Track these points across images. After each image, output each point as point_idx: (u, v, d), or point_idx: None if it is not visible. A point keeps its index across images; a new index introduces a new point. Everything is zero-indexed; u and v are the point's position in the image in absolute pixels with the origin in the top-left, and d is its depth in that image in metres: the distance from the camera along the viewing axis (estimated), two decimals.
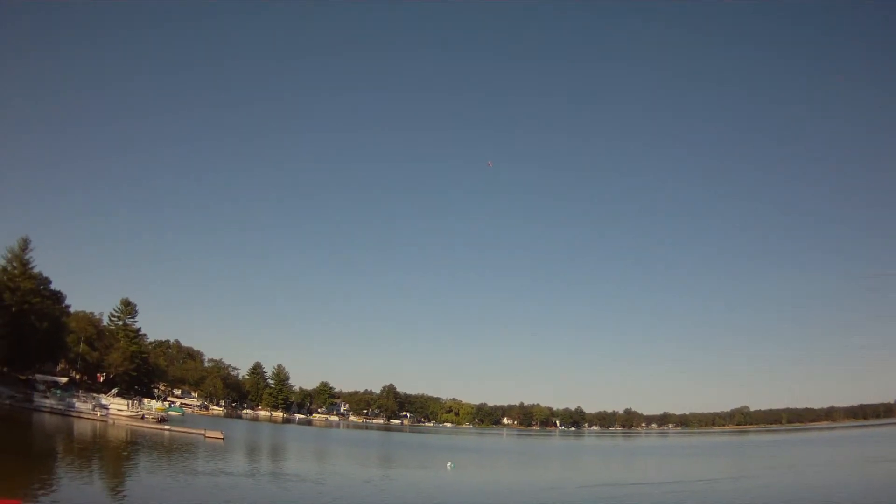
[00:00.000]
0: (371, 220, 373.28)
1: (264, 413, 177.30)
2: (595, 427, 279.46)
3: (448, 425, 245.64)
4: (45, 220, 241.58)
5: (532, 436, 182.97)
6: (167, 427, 63.95)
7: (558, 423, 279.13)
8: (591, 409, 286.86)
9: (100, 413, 65.22)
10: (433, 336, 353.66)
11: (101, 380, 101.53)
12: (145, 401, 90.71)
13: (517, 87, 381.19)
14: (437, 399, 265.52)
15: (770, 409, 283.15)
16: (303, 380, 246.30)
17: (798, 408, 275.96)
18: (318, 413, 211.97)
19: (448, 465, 47.94)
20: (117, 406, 71.26)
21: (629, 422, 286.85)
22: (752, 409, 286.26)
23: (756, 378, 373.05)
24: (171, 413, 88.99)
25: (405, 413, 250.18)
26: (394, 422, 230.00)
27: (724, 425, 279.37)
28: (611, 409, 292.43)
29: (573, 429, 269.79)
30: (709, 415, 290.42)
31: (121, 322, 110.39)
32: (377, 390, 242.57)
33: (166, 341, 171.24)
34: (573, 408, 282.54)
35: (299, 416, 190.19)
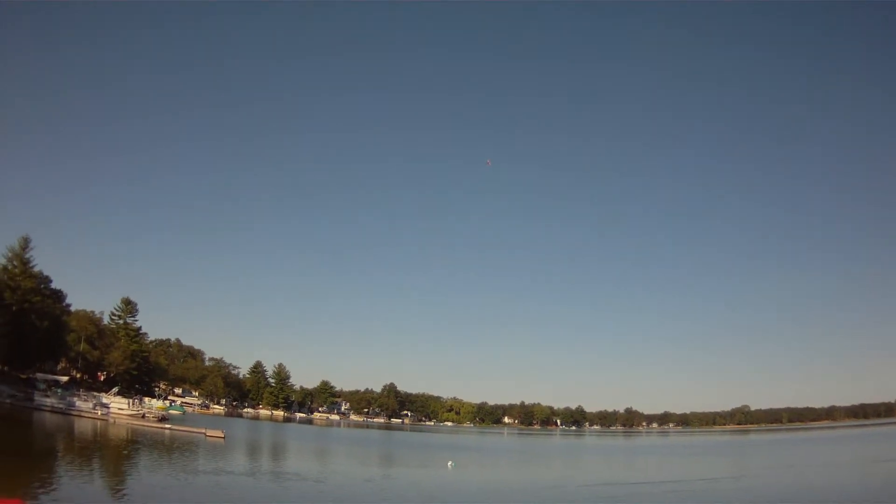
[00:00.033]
0: (371, 220, 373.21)
1: (265, 412, 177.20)
2: (596, 426, 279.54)
3: (449, 424, 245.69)
4: (45, 219, 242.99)
5: (533, 435, 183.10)
6: (168, 426, 64.03)
7: (559, 422, 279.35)
8: (591, 408, 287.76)
9: (100, 412, 65.30)
10: (434, 335, 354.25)
11: (102, 379, 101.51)
12: (146, 400, 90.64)
13: (517, 87, 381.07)
14: (438, 398, 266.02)
15: (770, 409, 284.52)
16: (303, 379, 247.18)
17: (799, 407, 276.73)
18: (319, 412, 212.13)
19: (449, 464, 47.91)
20: (118, 405, 71.28)
21: (630, 421, 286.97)
22: (752, 408, 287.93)
23: (756, 377, 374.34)
24: (171, 412, 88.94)
25: (406, 412, 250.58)
26: (394, 421, 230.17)
27: (724, 425, 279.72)
28: (611, 409, 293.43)
29: (574, 428, 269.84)
30: (709, 414, 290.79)
31: (121, 321, 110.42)
32: (378, 389, 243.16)
33: (167, 340, 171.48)
34: (574, 407, 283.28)
35: (300, 415, 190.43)
